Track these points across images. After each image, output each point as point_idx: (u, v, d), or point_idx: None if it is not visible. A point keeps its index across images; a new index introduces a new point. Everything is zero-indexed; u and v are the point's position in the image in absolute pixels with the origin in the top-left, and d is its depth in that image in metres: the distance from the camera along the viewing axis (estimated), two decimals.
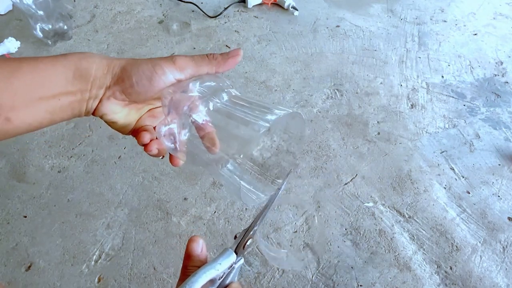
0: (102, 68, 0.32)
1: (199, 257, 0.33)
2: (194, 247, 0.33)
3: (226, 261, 0.32)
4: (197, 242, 0.34)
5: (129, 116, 0.35)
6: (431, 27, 1.48)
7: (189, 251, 0.33)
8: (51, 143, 1.04)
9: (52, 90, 0.30)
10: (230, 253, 0.33)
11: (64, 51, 1.32)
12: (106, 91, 0.32)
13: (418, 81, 1.26)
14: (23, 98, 0.29)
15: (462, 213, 0.93)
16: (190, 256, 0.33)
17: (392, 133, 1.10)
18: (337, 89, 1.22)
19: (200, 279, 0.29)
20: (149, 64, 0.32)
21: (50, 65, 0.30)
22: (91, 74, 0.31)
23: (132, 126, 0.36)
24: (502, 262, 0.85)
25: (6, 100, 0.28)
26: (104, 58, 0.32)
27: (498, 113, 1.17)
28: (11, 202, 0.92)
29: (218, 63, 0.34)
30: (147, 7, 1.52)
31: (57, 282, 0.80)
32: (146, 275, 0.81)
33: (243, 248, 0.35)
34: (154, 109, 0.37)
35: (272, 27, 1.44)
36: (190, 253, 0.33)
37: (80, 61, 0.31)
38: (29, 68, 0.30)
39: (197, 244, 0.33)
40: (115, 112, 0.34)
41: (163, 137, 0.33)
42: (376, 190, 0.96)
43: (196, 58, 0.33)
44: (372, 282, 0.81)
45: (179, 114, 0.33)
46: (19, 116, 0.29)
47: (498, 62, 1.34)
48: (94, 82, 0.31)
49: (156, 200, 0.93)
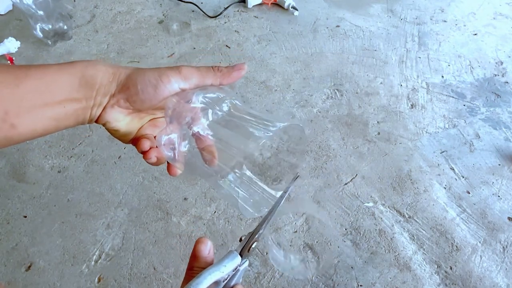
0: (108, 76, 0.32)
1: (206, 259, 0.33)
2: (201, 248, 0.33)
3: (231, 263, 0.32)
4: (205, 243, 0.33)
5: (131, 125, 0.35)
6: (431, 27, 1.48)
7: (196, 252, 0.33)
8: (51, 143, 1.04)
9: (58, 97, 0.30)
10: (235, 255, 0.33)
11: (64, 51, 1.32)
12: (110, 99, 0.33)
13: (418, 81, 1.26)
14: (29, 105, 0.29)
15: (462, 213, 0.93)
16: (196, 257, 0.33)
17: (392, 133, 1.10)
18: (337, 89, 1.22)
19: (205, 280, 0.29)
20: (155, 72, 0.33)
21: (57, 72, 0.31)
22: (96, 81, 0.32)
23: (133, 135, 0.36)
24: (502, 262, 0.85)
25: (12, 107, 0.28)
26: (110, 66, 0.33)
27: (498, 113, 1.17)
28: (11, 202, 0.92)
29: (223, 76, 0.35)
30: (147, 7, 1.52)
31: (57, 282, 0.80)
32: (146, 275, 0.81)
33: (248, 251, 0.34)
34: (156, 119, 0.38)
35: (272, 27, 1.44)
36: (197, 254, 0.33)
37: (86, 69, 0.32)
38: (35, 75, 0.30)
39: (205, 246, 0.33)
40: (117, 120, 0.34)
41: (163, 146, 0.33)
42: (376, 190, 0.96)
43: (201, 69, 0.34)
44: (372, 282, 0.81)
45: (181, 124, 0.33)
46: (24, 123, 0.29)
47: (498, 62, 1.34)
48: (99, 89, 0.32)
49: (156, 200, 0.93)
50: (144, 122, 0.37)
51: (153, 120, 0.37)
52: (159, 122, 0.38)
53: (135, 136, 0.36)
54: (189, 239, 0.86)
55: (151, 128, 0.37)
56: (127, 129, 0.35)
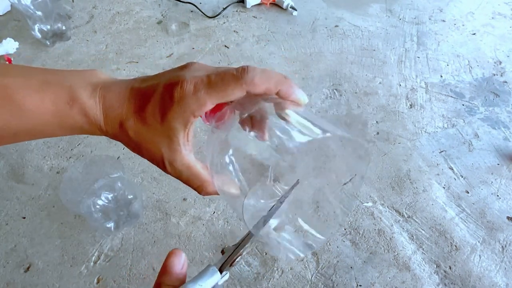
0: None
1: (178, 275, 0.28)
2: (174, 262, 0.29)
3: (209, 281, 0.28)
4: (178, 256, 0.29)
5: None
6: (430, 26, 1.48)
7: (168, 266, 0.28)
8: (50, 144, 1.04)
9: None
10: (214, 271, 0.29)
11: (63, 51, 1.32)
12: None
13: (417, 81, 1.26)
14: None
15: (461, 213, 0.93)
16: (167, 272, 0.28)
17: (391, 133, 1.10)
18: (336, 89, 1.22)
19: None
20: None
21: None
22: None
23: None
24: (501, 261, 0.85)
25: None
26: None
27: (497, 112, 1.18)
28: (9, 203, 0.92)
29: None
30: (146, 8, 1.52)
31: (56, 283, 0.80)
32: (145, 275, 0.81)
33: (230, 265, 0.30)
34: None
35: (271, 27, 1.44)
36: (168, 269, 0.28)
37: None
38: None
39: (178, 259, 0.29)
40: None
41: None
42: (375, 190, 0.96)
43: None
44: (371, 282, 0.81)
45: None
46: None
47: (497, 62, 1.35)
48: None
49: (155, 201, 0.93)
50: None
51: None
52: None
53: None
54: (188, 239, 0.86)
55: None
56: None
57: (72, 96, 0.27)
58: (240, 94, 0.26)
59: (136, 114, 0.28)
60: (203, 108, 0.26)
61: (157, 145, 0.28)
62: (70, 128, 0.28)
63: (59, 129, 0.28)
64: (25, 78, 0.27)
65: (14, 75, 0.27)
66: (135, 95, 0.28)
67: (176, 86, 0.26)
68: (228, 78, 0.26)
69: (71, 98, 0.27)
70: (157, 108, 0.27)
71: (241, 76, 0.26)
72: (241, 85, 0.26)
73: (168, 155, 0.28)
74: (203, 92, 0.26)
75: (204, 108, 0.26)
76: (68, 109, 0.27)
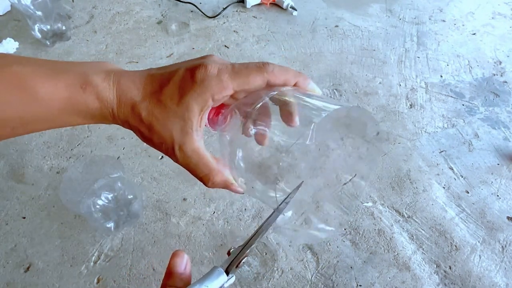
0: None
1: (181, 276, 0.28)
2: (177, 263, 0.29)
3: (215, 282, 0.27)
4: (181, 257, 0.29)
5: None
6: (430, 26, 1.48)
7: (171, 268, 0.28)
8: (50, 144, 1.04)
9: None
10: (220, 273, 0.28)
11: (63, 51, 1.32)
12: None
13: (417, 81, 1.26)
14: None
15: (461, 213, 0.93)
16: (171, 274, 0.28)
17: (391, 133, 1.10)
18: (336, 89, 1.22)
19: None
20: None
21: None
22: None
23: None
24: (501, 261, 0.85)
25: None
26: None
27: (497, 112, 1.18)
28: (9, 203, 0.92)
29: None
30: (146, 8, 1.52)
31: (56, 283, 0.80)
32: (145, 275, 0.81)
33: (236, 266, 0.30)
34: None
35: (271, 27, 1.44)
36: (172, 270, 0.28)
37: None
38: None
39: (180, 260, 0.29)
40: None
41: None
42: (375, 190, 0.96)
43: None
44: (371, 282, 0.81)
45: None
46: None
47: (497, 62, 1.35)
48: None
49: (155, 201, 0.93)
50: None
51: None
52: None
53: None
54: (188, 239, 0.86)
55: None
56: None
57: (86, 80, 0.27)
58: (260, 83, 0.28)
59: (153, 95, 0.28)
60: (224, 91, 0.27)
61: (169, 128, 0.27)
62: (83, 114, 0.28)
63: (70, 116, 0.28)
64: (36, 66, 0.27)
65: (25, 64, 0.27)
66: (152, 80, 0.28)
67: (199, 68, 0.27)
68: (251, 67, 0.28)
69: (85, 82, 0.27)
70: (176, 90, 0.27)
71: (263, 66, 0.28)
72: (263, 74, 0.28)
73: (179, 138, 0.28)
74: (227, 76, 0.27)
75: (225, 92, 0.27)
76: (82, 93, 0.27)
